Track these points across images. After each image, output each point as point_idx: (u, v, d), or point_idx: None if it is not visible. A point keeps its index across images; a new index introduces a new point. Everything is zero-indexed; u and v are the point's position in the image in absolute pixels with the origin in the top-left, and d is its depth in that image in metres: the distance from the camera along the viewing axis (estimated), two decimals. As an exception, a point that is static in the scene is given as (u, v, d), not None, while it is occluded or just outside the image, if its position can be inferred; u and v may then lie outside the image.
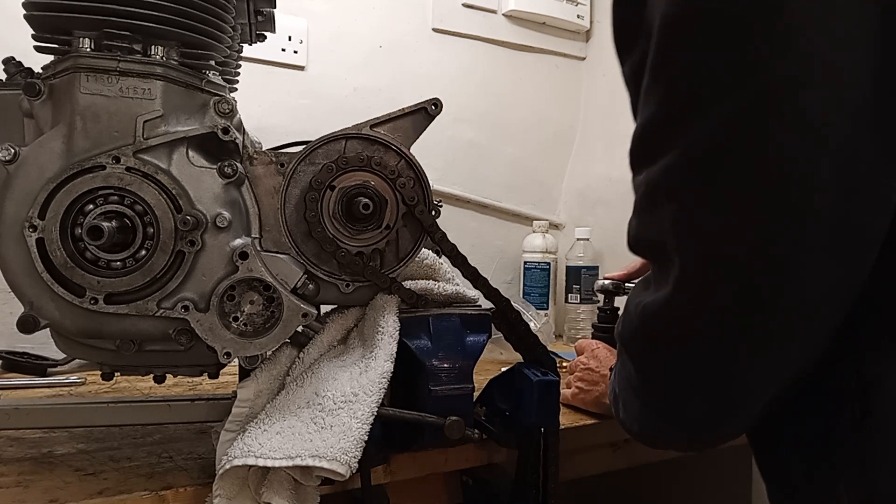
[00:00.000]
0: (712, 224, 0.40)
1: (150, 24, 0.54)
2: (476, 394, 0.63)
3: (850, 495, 0.39)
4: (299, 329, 0.60)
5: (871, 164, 0.37)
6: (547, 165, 1.52)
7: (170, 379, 0.64)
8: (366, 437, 0.53)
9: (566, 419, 0.75)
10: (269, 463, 0.50)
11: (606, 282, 0.95)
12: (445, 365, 0.59)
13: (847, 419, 0.40)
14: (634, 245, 0.49)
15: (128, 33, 0.54)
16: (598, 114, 1.49)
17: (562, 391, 0.83)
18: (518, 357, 0.67)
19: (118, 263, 0.53)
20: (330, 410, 0.54)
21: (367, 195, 0.60)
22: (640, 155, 0.46)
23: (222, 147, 0.57)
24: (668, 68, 0.41)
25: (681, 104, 0.41)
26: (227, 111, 0.56)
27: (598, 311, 0.96)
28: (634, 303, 0.49)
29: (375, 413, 0.54)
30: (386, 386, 0.56)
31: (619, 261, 1.20)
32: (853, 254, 0.38)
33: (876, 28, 0.35)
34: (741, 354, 0.42)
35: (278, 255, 0.59)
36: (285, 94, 1.23)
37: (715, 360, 0.43)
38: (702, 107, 0.40)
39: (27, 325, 0.53)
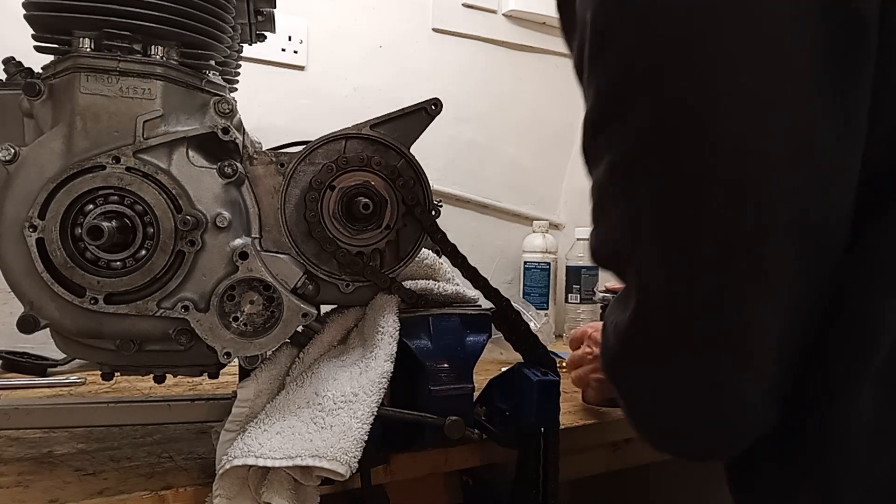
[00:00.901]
0: (664, 223, 0.38)
1: (150, 24, 0.54)
2: (476, 394, 0.63)
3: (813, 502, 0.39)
4: (299, 329, 0.60)
5: (828, 143, 0.35)
6: (547, 165, 1.52)
7: (170, 379, 0.64)
8: (366, 437, 0.53)
9: (566, 419, 0.75)
10: (269, 463, 0.50)
11: (608, 294, 0.95)
12: (445, 365, 0.59)
13: (811, 426, 0.39)
14: (595, 256, 0.46)
15: (128, 33, 0.54)
16: (598, 114, 1.48)
17: (583, 393, 0.81)
18: (518, 357, 0.67)
19: (118, 263, 0.53)
20: (330, 410, 0.54)
21: (367, 195, 0.60)
22: (587, 154, 0.44)
23: (222, 147, 0.57)
24: (600, 62, 0.40)
25: (614, 97, 0.40)
26: (227, 111, 0.56)
27: (601, 312, 0.96)
28: (610, 322, 0.47)
29: (375, 413, 0.54)
30: (386, 386, 0.56)
31: (619, 261, 1.19)
32: (820, 239, 0.37)
33: (815, 7, 0.34)
34: (718, 365, 0.39)
35: (278, 255, 0.59)
36: (285, 94, 1.23)
37: (691, 376, 0.41)
38: (638, 96, 0.38)
39: (27, 325, 0.53)
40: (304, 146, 0.61)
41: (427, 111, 0.62)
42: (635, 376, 0.46)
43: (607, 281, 1.31)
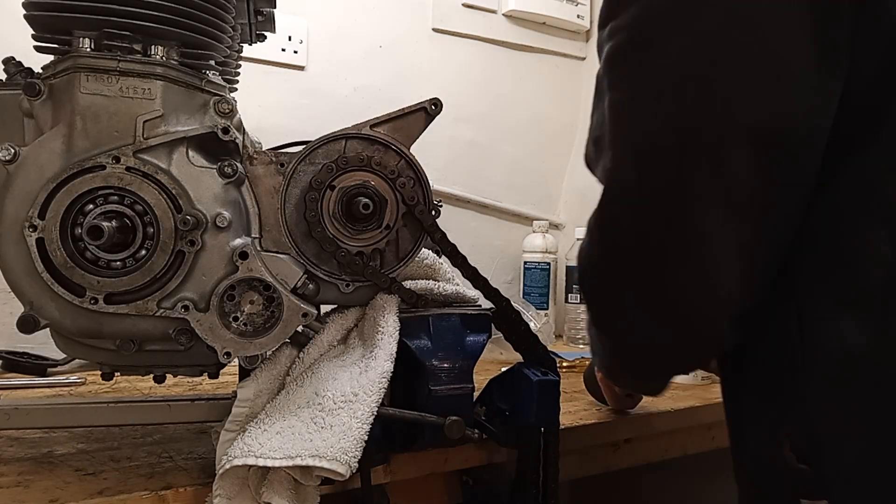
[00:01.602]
0: (639, 111, 0.41)
1: (150, 24, 0.54)
2: (476, 394, 0.63)
3: (793, 438, 0.39)
4: (299, 329, 0.60)
5: (803, 61, 0.37)
6: (547, 165, 1.53)
7: (170, 379, 0.64)
8: (366, 437, 0.53)
9: (566, 419, 0.75)
10: (269, 463, 0.50)
11: None
12: (445, 365, 0.59)
13: (788, 363, 0.40)
14: (586, 153, 0.48)
15: (128, 33, 0.54)
16: (598, 114, 1.48)
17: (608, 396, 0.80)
18: (518, 357, 0.67)
19: (118, 263, 0.53)
20: (330, 410, 0.54)
21: (367, 195, 0.60)
22: (597, 48, 0.46)
23: (222, 147, 0.57)
24: None
25: None
26: (227, 111, 0.56)
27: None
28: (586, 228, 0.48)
29: (375, 413, 0.54)
30: (386, 386, 0.56)
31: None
32: (784, 151, 0.38)
33: None
34: (672, 255, 0.40)
35: (278, 255, 0.59)
36: (285, 94, 1.23)
37: (648, 278, 0.42)
38: None
39: (27, 325, 0.53)
40: (304, 146, 0.61)
41: (427, 111, 0.62)
42: (602, 275, 0.47)
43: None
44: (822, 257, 0.39)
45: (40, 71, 0.56)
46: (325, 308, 0.65)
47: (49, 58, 0.55)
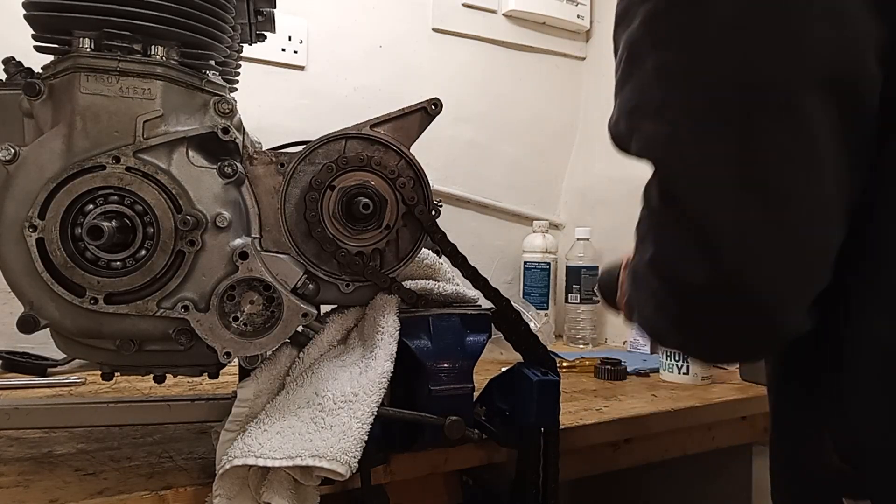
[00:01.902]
0: (694, 66, 0.38)
1: (150, 24, 0.54)
2: (476, 394, 0.63)
3: (836, 437, 0.38)
4: (299, 329, 0.60)
5: (857, 6, 0.35)
6: (547, 165, 1.53)
7: (170, 379, 0.64)
8: (366, 437, 0.53)
9: (566, 419, 0.74)
10: (269, 463, 0.50)
11: None
12: (445, 365, 0.59)
13: (831, 358, 0.39)
14: (615, 131, 0.45)
15: (128, 33, 0.54)
16: (598, 113, 1.49)
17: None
18: (518, 357, 0.67)
19: (118, 263, 0.53)
20: (330, 410, 0.54)
21: (367, 195, 0.60)
22: (622, 17, 0.43)
23: (222, 147, 0.57)
24: None
25: None
26: (227, 111, 0.56)
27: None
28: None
29: (375, 413, 0.54)
30: (386, 386, 0.56)
31: (619, 261, 1.19)
32: (850, 99, 0.36)
33: None
34: (753, 224, 0.37)
35: (278, 255, 0.59)
36: (285, 94, 1.23)
37: (731, 239, 0.37)
38: None
39: (27, 325, 0.53)
40: (304, 146, 0.61)
41: (427, 111, 0.62)
42: (662, 243, 0.42)
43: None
44: (862, 245, 0.38)
45: (40, 71, 0.56)
46: (325, 308, 0.65)
47: (49, 58, 0.55)
